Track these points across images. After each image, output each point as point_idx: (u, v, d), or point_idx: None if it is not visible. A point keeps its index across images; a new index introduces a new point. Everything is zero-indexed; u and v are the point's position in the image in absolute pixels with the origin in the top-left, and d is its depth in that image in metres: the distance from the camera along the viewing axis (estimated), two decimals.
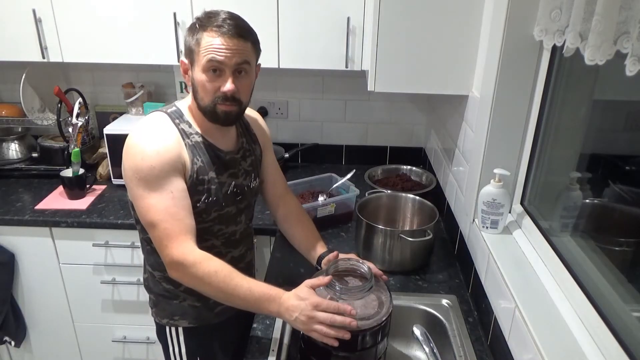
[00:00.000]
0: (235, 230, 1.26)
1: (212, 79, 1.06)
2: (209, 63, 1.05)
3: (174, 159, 1.07)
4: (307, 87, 2.26)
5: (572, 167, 1.11)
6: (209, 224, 1.18)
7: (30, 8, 1.80)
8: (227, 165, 1.19)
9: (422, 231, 1.44)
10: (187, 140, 1.11)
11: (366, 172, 2.06)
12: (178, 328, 1.27)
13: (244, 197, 1.25)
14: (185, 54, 1.11)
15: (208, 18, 1.06)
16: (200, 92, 1.09)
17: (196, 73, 1.08)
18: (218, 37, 1.04)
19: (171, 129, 1.11)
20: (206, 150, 1.14)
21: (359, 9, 1.74)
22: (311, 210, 1.71)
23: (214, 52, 1.04)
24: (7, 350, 2.10)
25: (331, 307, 0.98)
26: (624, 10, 0.73)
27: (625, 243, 0.94)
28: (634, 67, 0.68)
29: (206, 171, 1.14)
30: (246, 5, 1.77)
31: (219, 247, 1.23)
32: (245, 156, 1.26)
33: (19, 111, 2.16)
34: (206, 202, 1.14)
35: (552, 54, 1.13)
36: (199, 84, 1.08)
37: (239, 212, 1.25)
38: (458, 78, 1.43)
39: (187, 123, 1.14)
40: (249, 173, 1.27)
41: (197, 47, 1.06)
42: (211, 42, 1.04)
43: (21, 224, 1.81)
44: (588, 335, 0.89)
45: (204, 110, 1.12)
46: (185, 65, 1.12)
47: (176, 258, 1.04)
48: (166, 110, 1.15)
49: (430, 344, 1.13)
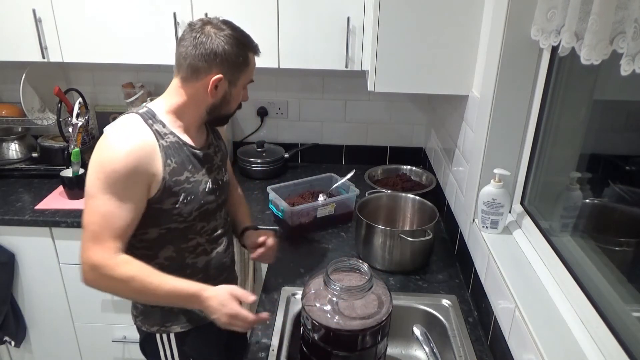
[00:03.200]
0: (216, 225, 1.27)
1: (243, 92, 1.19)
2: (249, 82, 1.18)
3: (142, 165, 1.05)
4: (307, 87, 2.26)
5: (572, 167, 1.11)
6: (191, 223, 1.18)
7: (30, 8, 1.80)
8: (203, 162, 1.19)
9: (422, 231, 1.44)
10: (162, 142, 1.10)
11: (366, 172, 2.06)
12: (170, 334, 1.26)
13: (222, 191, 1.27)
14: (224, 70, 1.10)
15: (244, 36, 1.13)
16: (233, 104, 1.18)
17: (238, 88, 1.16)
18: (255, 56, 1.17)
19: (144, 130, 1.09)
20: (181, 150, 1.13)
21: (359, 9, 1.74)
22: (311, 210, 1.71)
23: (253, 72, 1.18)
24: (7, 350, 2.10)
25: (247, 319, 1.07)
26: (620, 10, 0.73)
27: (625, 243, 0.94)
28: (629, 67, 0.68)
29: (181, 172, 1.13)
30: (246, 5, 1.77)
31: (204, 245, 1.23)
32: (215, 152, 1.27)
33: (19, 111, 2.16)
34: (185, 202, 1.14)
35: (552, 54, 1.13)
36: (236, 98, 1.18)
37: (218, 207, 1.26)
38: (458, 78, 1.43)
39: (160, 123, 1.12)
40: (220, 167, 1.28)
41: (245, 66, 1.13)
42: (255, 64, 1.17)
43: (21, 224, 1.81)
44: (588, 335, 0.89)
45: (224, 117, 1.21)
46: (220, 80, 1.10)
47: (93, 261, 1.03)
48: (138, 112, 1.12)
49: (430, 344, 1.12)
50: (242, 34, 1.12)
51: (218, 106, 1.15)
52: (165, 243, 1.17)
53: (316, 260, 1.57)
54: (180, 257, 1.20)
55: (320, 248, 1.64)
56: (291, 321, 1.27)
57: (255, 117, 2.33)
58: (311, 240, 1.69)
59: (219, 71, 1.09)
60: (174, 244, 1.18)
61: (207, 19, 1.11)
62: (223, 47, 1.07)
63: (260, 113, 2.31)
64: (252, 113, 2.32)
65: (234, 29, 1.11)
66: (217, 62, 1.08)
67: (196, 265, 1.23)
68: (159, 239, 1.16)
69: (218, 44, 1.07)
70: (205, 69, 1.08)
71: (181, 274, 1.17)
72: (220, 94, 1.13)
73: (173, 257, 1.19)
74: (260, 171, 2.16)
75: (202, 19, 1.11)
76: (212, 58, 1.07)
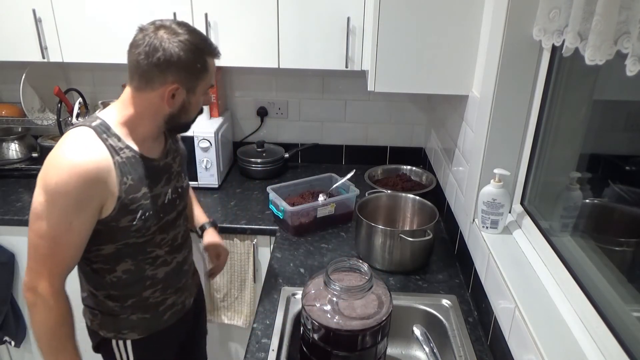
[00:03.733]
0: (177, 234, 1.22)
1: (203, 98, 1.11)
2: (209, 87, 1.09)
3: (96, 187, 0.99)
4: (307, 87, 2.26)
5: (572, 167, 1.11)
6: (150, 237, 1.13)
7: (30, 8, 1.80)
8: (162, 173, 1.15)
9: (422, 231, 1.44)
10: (117, 158, 1.02)
11: (366, 172, 2.06)
12: (126, 341, 1.21)
13: (181, 198, 1.23)
14: (180, 78, 1.01)
15: (202, 40, 1.03)
16: (192, 112, 1.10)
17: (197, 96, 1.07)
18: (215, 59, 1.08)
19: (98, 146, 1.01)
20: (138, 165, 1.07)
21: (359, 9, 1.74)
22: (311, 210, 1.71)
23: (213, 76, 1.09)
24: (7, 350, 2.10)
25: None
26: (624, 10, 0.73)
27: (625, 243, 0.94)
28: (635, 67, 0.68)
29: (138, 188, 1.07)
30: (246, 5, 1.77)
31: (163, 256, 1.19)
32: (174, 157, 1.22)
33: (19, 111, 2.16)
34: (142, 218, 1.08)
35: (552, 54, 1.13)
36: (196, 106, 1.09)
37: (178, 216, 1.22)
38: (458, 78, 1.43)
39: (115, 137, 1.04)
40: (179, 173, 1.23)
41: (203, 73, 1.04)
42: (214, 68, 1.08)
43: (21, 224, 1.81)
44: (588, 335, 0.89)
45: (184, 126, 1.13)
46: (177, 90, 1.02)
47: (40, 289, 1.01)
48: (90, 124, 1.03)
49: (430, 344, 1.12)
50: (199, 38, 1.02)
51: (176, 115, 1.07)
52: (122, 257, 1.12)
53: (316, 260, 1.57)
54: (139, 269, 1.15)
55: (320, 248, 1.64)
56: (291, 321, 1.27)
57: (255, 117, 2.33)
58: (311, 240, 1.69)
59: (175, 80, 1.01)
60: (132, 257, 1.13)
61: (161, 22, 1.01)
62: (178, 55, 0.98)
63: (260, 113, 2.31)
64: (252, 113, 2.32)
65: (191, 33, 1.01)
66: (172, 71, 0.99)
67: (156, 276, 1.18)
68: (116, 254, 1.11)
69: (173, 51, 0.97)
70: (159, 78, 1.00)
71: (141, 285, 1.16)
72: (178, 103, 1.05)
73: (131, 270, 1.14)
74: (260, 171, 2.16)
75: (155, 22, 1.01)
76: (167, 67, 0.98)
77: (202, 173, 2.01)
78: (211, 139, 1.96)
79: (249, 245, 1.79)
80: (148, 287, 1.18)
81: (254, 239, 1.79)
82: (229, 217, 1.83)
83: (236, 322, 1.90)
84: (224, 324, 1.93)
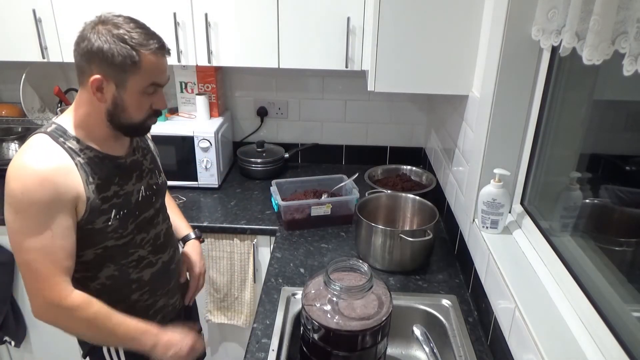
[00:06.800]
0: (158, 233, 1.21)
1: (147, 98, 1.04)
2: (152, 86, 1.02)
3: (60, 190, 0.96)
4: (307, 87, 2.26)
5: (572, 167, 1.11)
6: (130, 237, 1.11)
7: (30, 8, 1.80)
8: (131, 170, 1.13)
9: (422, 231, 1.44)
10: (79, 159, 1.01)
11: (366, 172, 2.06)
12: (118, 349, 1.20)
13: (158, 195, 1.21)
14: (104, 70, 0.97)
15: (140, 34, 0.98)
16: (132, 111, 1.03)
17: (129, 93, 1.01)
18: (161, 58, 1.02)
19: (56, 150, 0.99)
20: (102, 164, 1.05)
21: (359, 9, 1.74)
22: (305, 208, 1.73)
23: (159, 76, 1.02)
24: (7, 350, 2.10)
25: None
26: (622, 10, 0.73)
27: (625, 243, 0.94)
28: (632, 67, 0.68)
29: (107, 187, 1.05)
30: (246, 5, 1.77)
31: (147, 257, 1.17)
32: (144, 154, 1.20)
33: (19, 111, 2.16)
34: (118, 217, 1.07)
35: (552, 54, 1.13)
36: (133, 104, 1.02)
37: (156, 213, 1.20)
38: (458, 78, 1.43)
39: (73, 139, 1.02)
40: (152, 170, 1.21)
41: (132, 67, 0.98)
42: (156, 65, 1.01)
43: None
44: (588, 335, 0.89)
45: (129, 126, 1.06)
46: (100, 82, 0.98)
47: (51, 300, 0.99)
48: (46, 130, 1.02)
49: (430, 344, 1.12)
50: (141, 33, 0.98)
51: (113, 113, 1.03)
52: (104, 262, 1.10)
53: (316, 260, 1.57)
54: (123, 273, 1.13)
55: (320, 248, 1.64)
56: (291, 321, 1.27)
57: (255, 117, 2.33)
58: (311, 240, 1.69)
59: (98, 72, 0.98)
60: (114, 261, 1.11)
61: (105, 16, 1.00)
62: (100, 46, 0.95)
63: (260, 113, 2.31)
64: (252, 113, 2.32)
65: (135, 27, 0.99)
66: (96, 62, 0.97)
67: (142, 279, 1.17)
68: (97, 260, 1.09)
69: (96, 42, 0.96)
70: (87, 69, 0.99)
71: (128, 289, 1.15)
72: (108, 98, 1.00)
73: (115, 275, 1.12)
74: (260, 171, 2.16)
75: (100, 17, 1.00)
76: (90, 57, 0.97)
77: (202, 173, 2.01)
78: (211, 139, 1.96)
79: (249, 245, 1.79)
80: (135, 291, 1.16)
81: (254, 239, 1.79)
82: (229, 217, 1.83)
83: (236, 322, 1.90)
84: (224, 324, 1.93)
